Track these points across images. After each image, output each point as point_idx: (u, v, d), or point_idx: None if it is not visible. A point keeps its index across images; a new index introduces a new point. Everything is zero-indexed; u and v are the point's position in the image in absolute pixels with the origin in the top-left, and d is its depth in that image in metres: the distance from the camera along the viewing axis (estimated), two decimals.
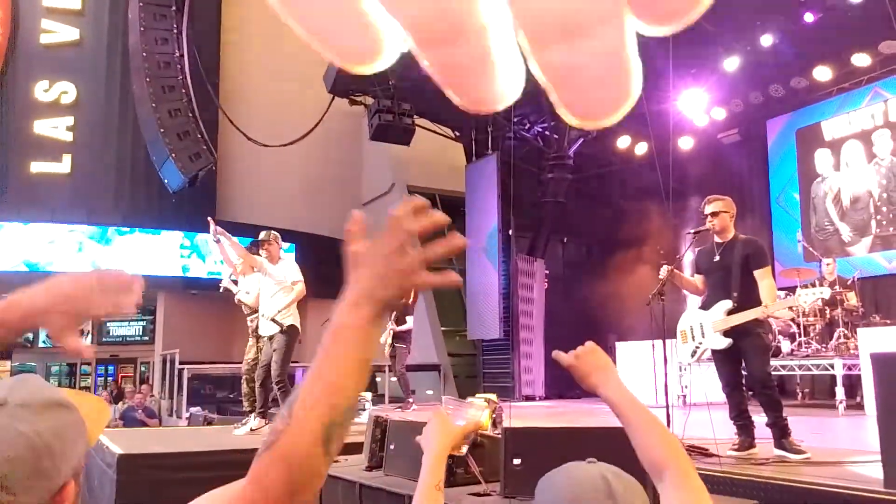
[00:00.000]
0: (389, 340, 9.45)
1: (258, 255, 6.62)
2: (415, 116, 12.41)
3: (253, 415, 6.57)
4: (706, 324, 4.85)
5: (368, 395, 8.89)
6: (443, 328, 15.32)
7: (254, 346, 6.91)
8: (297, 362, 8.35)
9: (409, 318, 9.51)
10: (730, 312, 4.73)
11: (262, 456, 0.84)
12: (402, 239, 0.82)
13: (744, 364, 4.83)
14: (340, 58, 0.44)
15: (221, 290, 7.69)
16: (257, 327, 6.82)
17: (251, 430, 6.42)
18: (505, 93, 0.43)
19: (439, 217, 0.83)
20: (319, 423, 0.81)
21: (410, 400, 9.25)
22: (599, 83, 0.40)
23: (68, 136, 15.12)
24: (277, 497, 0.82)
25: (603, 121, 0.43)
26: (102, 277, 1.11)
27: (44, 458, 0.86)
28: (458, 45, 0.39)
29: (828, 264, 8.66)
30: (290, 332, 6.36)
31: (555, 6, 0.36)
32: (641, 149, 12.28)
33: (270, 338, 6.43)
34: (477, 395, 6.28)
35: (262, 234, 6.71)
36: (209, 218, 7.21)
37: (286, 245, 8.07)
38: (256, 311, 6.79)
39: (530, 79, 0.46)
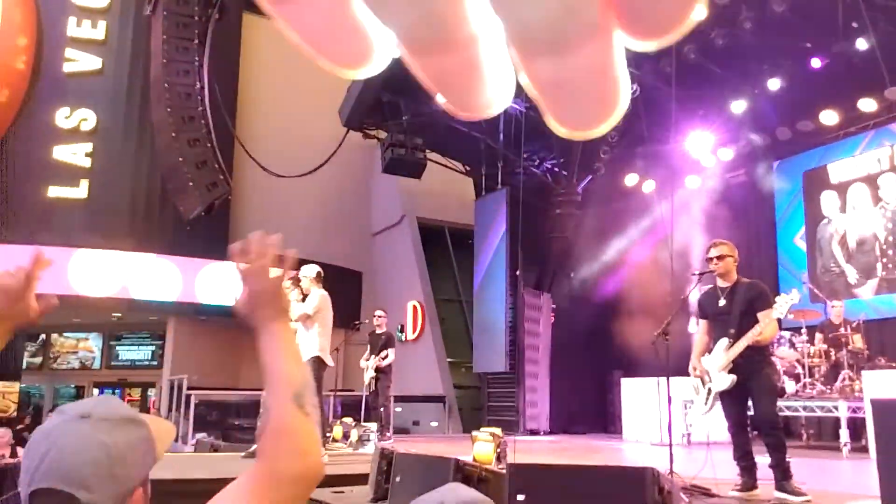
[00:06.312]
0: (373, 374, 9.34)
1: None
2: (426, 150, 12.64)
3: None
4: (710, 367, 4.92)
5: (374, 427, 8.94)
6: (449, 360, 15.36)
7: None
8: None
9: (391, 352, 9.27)
10: (727, 350, 4.82)
11: (261, 438, 1.12)
12: (256, 278, 1.19)
13: (751, 404, 4.88)
14: (332, 62, 0.43)
15: None
16: None
17: None
18: (494, 101, 0.44)
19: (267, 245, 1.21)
20: (289, 398, 1.14)
21: (388, 434, 9.19)
22: (587, 95, 0.41)
23: (86, 163, 15.41)
24: (287, 464, 1.10)
25: (590, 132, 0.43)
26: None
27: (118, 465, 1.03)
28: (447, 54, 0.40)
29: (833, 306, 8.70)
30: (314, 363, 6.44)
31: (543, 20, 0.37)
32: (649, 186, 12.44)
33: None
34: (482, 429, 6.34)
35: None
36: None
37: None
38: None
39: (539, 117, 0.48)
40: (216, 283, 14.42)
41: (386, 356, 9.19)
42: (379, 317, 9.59)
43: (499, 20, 0.38)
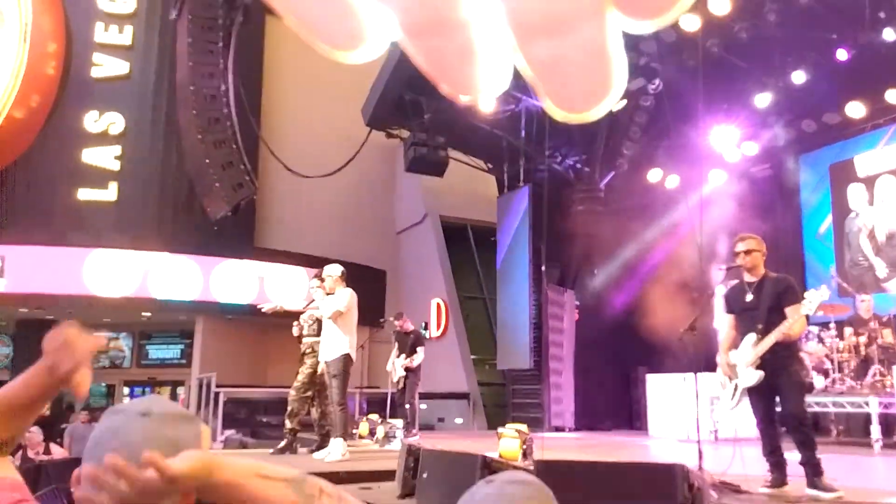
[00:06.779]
0: (402, 373, 9.54)
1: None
2: (449, 149, 12.67)
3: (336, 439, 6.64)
4: (738, 362, 4.90)
5: (400, 423, 9.02)
6: (473, 357, 15.40)
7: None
8: None
9: (421, 350, 9.58)
10: (755, 345, 4.78)
11: None
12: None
13: (778, 400, 4.85)
14: (328, 46, 0.43)
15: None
16: (304, 353, 7.32)
17: (343, 455, 6.48)
18: (489, 84, 0.44)
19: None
20: None
21: (414, 431, 9.33)
22: (583, 76, 0.41)
23: (115, 165, 15.68)
24: None
25: (586, 113, 0.44)
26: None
27: None
28: (442, 36, 0.41)
29: (863, 300, 8.60)
30: (343, 360, 6.61)
31: (540, 2, 0.37)
32: (672, 182, 12.35)
33: (327, 363, 6.71)
34: (507, 426, 6.37)
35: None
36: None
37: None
38: (311, 336, 7.30)
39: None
40: (232, 280, 14.64)
41: (414, 357, 9.38)
42: (398, 324, 9.79)
43: (496, 1, 0.39)
